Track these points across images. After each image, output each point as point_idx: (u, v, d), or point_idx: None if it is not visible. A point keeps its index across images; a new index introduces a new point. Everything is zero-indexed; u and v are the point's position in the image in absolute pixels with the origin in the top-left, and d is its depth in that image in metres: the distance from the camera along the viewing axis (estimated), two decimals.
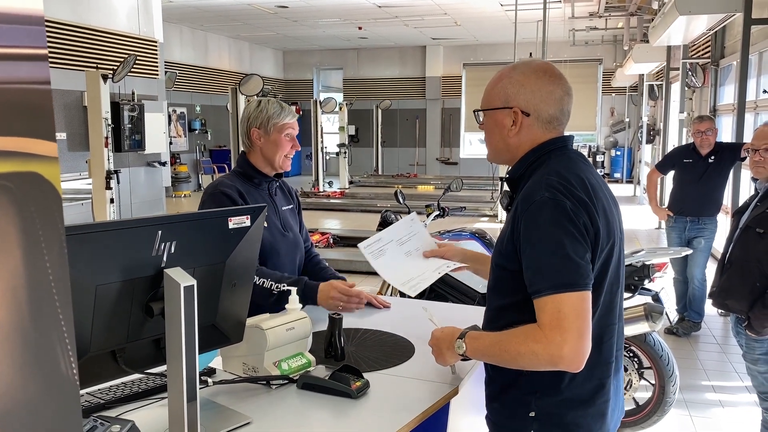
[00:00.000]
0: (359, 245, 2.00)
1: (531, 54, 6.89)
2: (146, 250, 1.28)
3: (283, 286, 2.08)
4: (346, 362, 1.74)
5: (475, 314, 2.33)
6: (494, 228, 9.20)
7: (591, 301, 1.32)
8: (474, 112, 1.58)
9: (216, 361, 1.77)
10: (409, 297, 3.81)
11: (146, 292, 1.31)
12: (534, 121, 1.46)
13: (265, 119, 2.23)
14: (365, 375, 1.62)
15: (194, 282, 1.28)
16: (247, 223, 1.48)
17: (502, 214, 9.94)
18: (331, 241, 8.36)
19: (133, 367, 1.38)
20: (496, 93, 1.50)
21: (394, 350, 1.88)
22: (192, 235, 1.38)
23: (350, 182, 15.19)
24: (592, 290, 1.34)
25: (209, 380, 1.58)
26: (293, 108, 2.34)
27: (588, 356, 1.32)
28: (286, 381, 1.63)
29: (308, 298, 2.13)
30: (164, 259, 1.31)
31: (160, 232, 1.29)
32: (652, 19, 8.59)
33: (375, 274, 6.66)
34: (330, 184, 14.72)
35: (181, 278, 1.28)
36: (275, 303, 2.04)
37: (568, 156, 1.48)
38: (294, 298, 1.79)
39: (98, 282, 1.23)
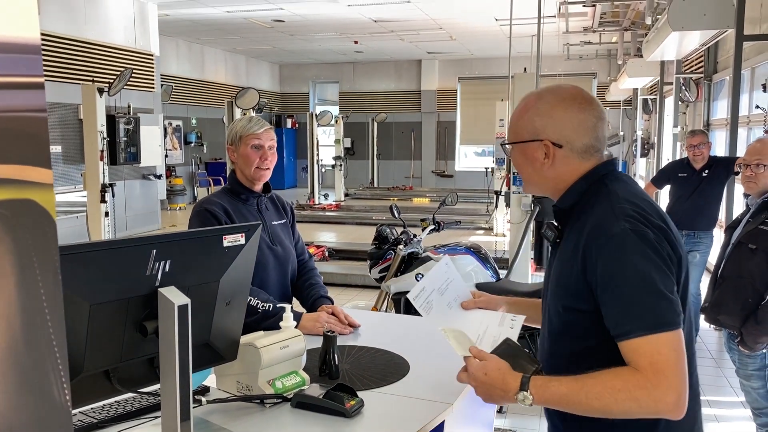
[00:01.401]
0: (410, 298, 1.75)
1: (525, 69, 6.93)
2: (140, 270, 1.28)
3: (269, 307, 2.10)
4: (340, 380, 1.73)
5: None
6: (489, 241, 9.21)
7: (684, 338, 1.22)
8: (501, 145, 1.50)
9: (210, 379, 1.76)
10: (403, 313, 3.81)
11: (140, 311, 1.31)
12: (568, 153, 1.37)
13: (234, 135, 2.31)
14: (360, 393, 1.62)
15: (188, 301, 1.28)
16: (242, 241, 1.48)
17: (498, 227, 9.94)
18: (327, 254, 8.35)
19: (127, 387, 1.38)
20: (523, 125, 1.40)
21: (388, 368, 1.88)
22: (187, 253, 1.38)
23: (346, 195, 15.20)
24: None
25: (203, 399, 1.58)
26: (265, 122, 2.36)
27: None
28: (280, 399, 1.63)
29: None
30: (158, 278, 1.31)
31: (154, 251, 1.29)
32: (646, 34, 8.67)
33: (369, 287, 6.60)
34: (326, 196, 14.73)
35: (175, 297, 1.28)
36: (258, 321, 2.04)
37: (624, 180, 1.38)
38: (288, 316, 1.79)
39: (92, 301, 1.23)
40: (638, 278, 1.21)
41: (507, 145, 1.46)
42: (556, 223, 1.42)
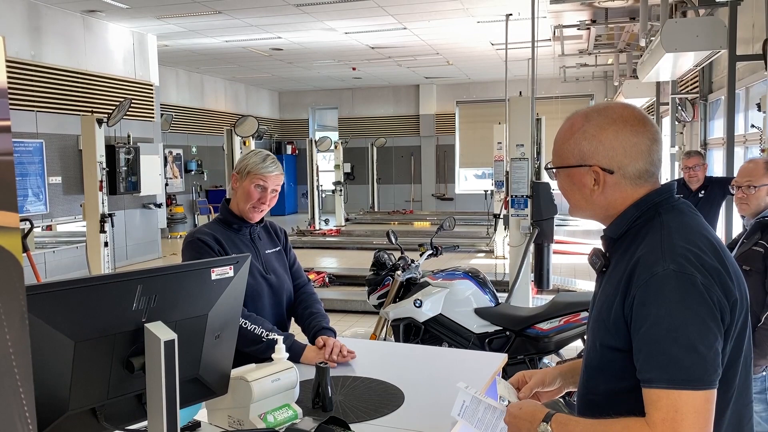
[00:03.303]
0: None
1: (520, 93, 6.96)
2: (126, 305, 1.27)
3: (274, 338, 2.07)
4: (333, 413, 1.71)
5: (471, 359, 2.32)
6: (489, 264, 9.17)
7: (715, 401, 1.12)
8: (546, 168, 1.40)
9: (202, 413, 1.74)
10: (402, 340, 3.78)
11: (127, 347, 1.29)
12: (620, 179, 1.27)
13: (244, 166, 2.28)
14: (353, 426, 1.59)
15: (175, 336, 1.26)
16: (230, 273, 1.47)
17: (498, 250, 9.91)
18: (327, 280, 8.32)
19: (114, 424, 1.35)
20: (569, 149, 1.31)
21: (383, 399, 1.85)
22: (173, 288, 1.36)
23: (346, 220, 15.20)
24: (728, 369, 1.17)
25: None
26: (279, 165, 2.34)
27: None
28: None
29: (293, 356, 2.10)
30: (145, 313, 1.30)
31: (140, 286, 1.28)
32: (641, 56, 8.74)
33: (371, 313, 6.53)
34: (326, 221, 14.73)
35: (162, 333, 1.26)
36: (262, 351, 2.02)
37: (680, 210, 1.27)
38: (280, 347, 1.78)
39: (77, 339, 1.21)
40: (670, 327, 1.12)
41: (552, 170, 1.37)
42: (603, 251, 1.34)
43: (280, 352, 1.76)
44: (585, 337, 3.52)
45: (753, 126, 5.98)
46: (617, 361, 1.22)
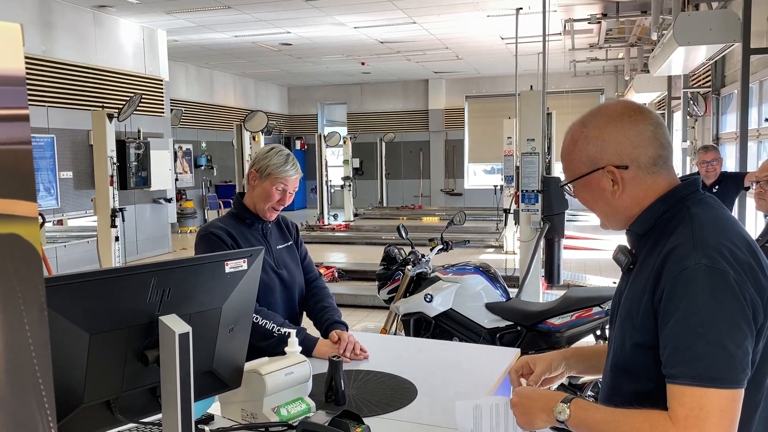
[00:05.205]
0: None
1: (531, 87, 6.93)
2: (141, 298, 1.27)
3: (285, 332, 2.06)
4: (346, 407, 1.70)
5: (483, 353, 2.31)
6: (499, 259, 9.15)
7: (741, 401, 1.09)
8: (561, 187, 1.37)
9: (215, 407, 1.74)
10: (413, 335, 3.77)
11: (141, 340, 1.29)
12: (637, 172, 1.24)
13: (265, 166, 2.26)
14: (366, 420, 1.59)
15: (189, 329, 1.26)
16: (244, 266, 1.46)
17: (508, 245, 9.89)
18: (336, 275, 8.33)
19: (129, 417, 1.35)
20: (577, 159, 1.29)
21: (395, 393, 1.85)
22: (187, 281, 1.36)
23: (355, 215, 15.20)
24: (760, 368, 1.14)
25: (206, 428, 1.55)
26: (298, 166, 2.31)
27: None
28: (285, 428, 1.60)
29: (306, 350, 2.10)
30: (159, 306, 1.29)
31: (154, 279, 1.27)
32: (652, 50, 8.66)
33: (380, 308, 6.53)
34: (335, 217, 14.73)
35: (176, 325, 1.26)
36: (274, 346, 2.02)
37: (708, 203, 1.24)
38: (293, 341, 1.77)
39: (92, 332, 1.21)
40: (699, 322, 1.09)
41: (568, 186, 1.32)
42: (629, 247, 1.31)
43: (293, 345, 1.76)
44: (597, 332, 3.50)
45: (767, 120, 5.92)
46: (646, 359, 1.18)
